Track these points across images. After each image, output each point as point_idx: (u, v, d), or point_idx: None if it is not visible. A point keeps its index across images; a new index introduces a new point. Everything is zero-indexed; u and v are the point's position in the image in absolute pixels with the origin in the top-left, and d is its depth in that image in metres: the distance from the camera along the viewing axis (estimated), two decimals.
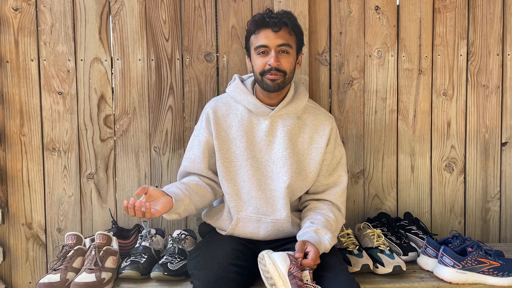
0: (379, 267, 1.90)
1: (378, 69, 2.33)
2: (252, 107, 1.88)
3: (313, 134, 1.90)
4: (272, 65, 1.78)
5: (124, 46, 2.24)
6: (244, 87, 1.91)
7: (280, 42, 1.79)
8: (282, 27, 1.79)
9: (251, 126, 1.89)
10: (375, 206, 2.38)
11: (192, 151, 1.95)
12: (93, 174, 2.26)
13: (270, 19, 1.79)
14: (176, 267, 1.86)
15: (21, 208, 2.25)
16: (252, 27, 1.83)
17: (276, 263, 1.61)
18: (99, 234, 1.93)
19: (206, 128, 1.91)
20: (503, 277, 1.85)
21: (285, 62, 1.80)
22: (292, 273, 1.58)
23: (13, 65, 2.21)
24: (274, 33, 1.78)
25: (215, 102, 1.95)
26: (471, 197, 2.39)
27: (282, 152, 1.86)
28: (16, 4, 2.20)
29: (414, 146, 2.36)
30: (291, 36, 1.82)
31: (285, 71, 1.81)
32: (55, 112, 2.24)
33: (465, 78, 2.35)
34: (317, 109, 1.97)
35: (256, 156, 1.88)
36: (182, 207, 1.77)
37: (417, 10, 2.32)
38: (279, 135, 1.87)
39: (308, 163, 1.89)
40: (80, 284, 1.73)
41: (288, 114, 1.89)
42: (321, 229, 1.77)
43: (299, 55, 1.90)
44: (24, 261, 2.27)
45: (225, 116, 1.91)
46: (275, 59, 1.78)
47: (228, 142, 1.89)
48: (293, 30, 1.82)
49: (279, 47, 1.79)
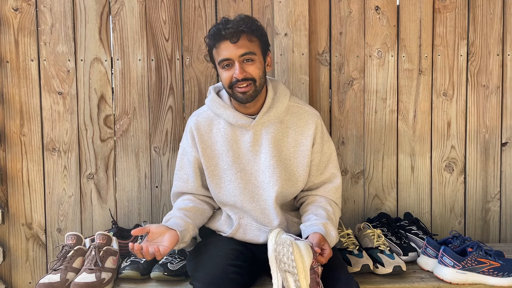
0: (379, 267, 1.90)
1: (378, 69, 2.33)
2: (232, 120, 1.82)
3: (297, 137, 1.85)
4: (238, 77, 1.71)
5: (124, 46, 2.24)
6: (220, 100, 1.85)
7: (241, 52, 1.71)
8: (240, 36, 1.71)
9: (236, 139, 1.84)
10: (375, 206, 2.38)
11: (183, 171, 1.91)
12: (93, 174, 2.26)
13: (226, 31, 1.70)
14: (176, 267, 1.86)
15: (21, 208, 2.25)
16: (211, 42, 1.76)
17: (302, 253, 1.55)
18: (99, 234, 1.93)
19: (192, 147, 1.87)
20: (503, 277, 1.85)
21: (252, 70, 1.73)
22: (313, 268, 1.55)
23: (13, 65, 2.21)
24: (233, 44, 1.70)
25: (197, 118, 1.89)
26: (471, 197, 2.39)
27: (269, 161, 1.81)
28: (16, 4, 2.20)
29: (414, 146, 2.36)
30: (252, 42, 1.74)
31: (254, 78, 1.74)
32: (55, 112, 2.24)
33: (465, 78, 2.35)
34: (299, 107, 1.89)
35: (245, 169, 1.84)
36: (187, 236, 1.73)
37: (417, 10, 2.32)
38: (264, 143, 1.82)
39: (296, 167, 1.85)
40: (80, 284, 1.73)
41: (270, 120, 1.83)
42: (328, 224, 1.75)
43: (267, 56, 1.82)
44: (24, 261, 2.27)
45: (208, 132, 1.86)
46: (240, 70, 1.71)
47: (215, 158, 1.85)
48: (253, 35, 1.74)
49: (242, 57, 1.72)
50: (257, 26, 1.77)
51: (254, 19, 1.78)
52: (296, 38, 2.22)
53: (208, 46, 1.81)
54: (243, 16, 1.76)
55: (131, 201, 2.28)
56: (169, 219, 1.77)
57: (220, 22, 1.76)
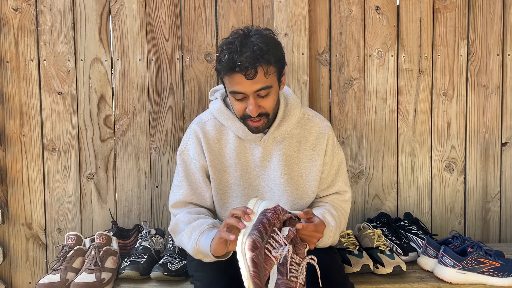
0: (379, 267, 1.90)
1: (378, 69, 2.33)
2: (241, 135, 1.70)
3: (309, 152, 1.74)
4: (252, 115, 1.59)
5: (124, 46, 2.24)
6: (229, 111, 1.71)
7: (257, 87, 1.56)
8: (257, 71, 1.53)
9: (245, 152, 1.73)
10: (375, 206, 2.38)
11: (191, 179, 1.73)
12: (93, 174, 2.26)
13: (241, 65, 1.51)
14: (176, 267, 1.86)
15: (21, 208, 2.25)
16: (223, 70, 1.57)
17: (259, 202, 1.42)
18: (99, 234, 1.93)
19: (200, 154, 1.73)
20: (503, 277, 1.85)
21: (266, 104, 1.60)
22: (266, 212, 1.38)
23: (13, 65, 2.21)
24: (249, 80, 1.54)
25: (203, 125, 1.75)
26: (471, 197, 2.39)
27: (279, 179, 1.71)
28: (16, 4, 2.19)
29: (414, 146, 2.36)
30: (269, 75, 1.56)
31: (267, 113, 1.62)
32: (55, 112, 2.23)
33: (465, 78, 2.35)
34: (311, 120, 1.78)
35: (252, 184, 1.73)
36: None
37: (417, 10, 2.32)
38: (274, 159, 1.72)
39: (308, 184, 1.74)
40: (80, 284, 1.73)
41: (281, 135, 1.72)
42: (327, 215, 1.67)
43: (282, 77, 1.66)
44: (24, 261, 2.27)
45: (216, 142, 1.73)
46: (255, 108, 1.58)
47: (222, 172, 1.73)
48: (270, 66, 1.56)
49: (257, 92, 1.57)
50: (276, 52, 1.58)
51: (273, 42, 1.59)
52: (296, 38, 2.22)
53: (216, 69, 1.62)
54: (261, 43, 1.54)
55: (131, 201, 2.28)
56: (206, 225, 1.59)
57: (232, 48, 1.54)
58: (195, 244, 1.57)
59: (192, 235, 1.59)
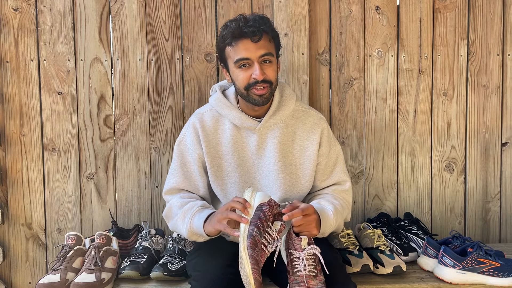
0: (379, 267, 1.90)
1: (378, 69, 2.33)
2: (238, 122, 1.77)
3: (303, 142, 1.81)
4: (258, 79, 1.66)
5: (124, 46, 2.24)
6: (226, 100, 1.80)
7: (262, 52, 1.66)
8: (262, 36, 1.66)
9: (241, 140, 1.80)
10: (375, 206, 2.37)
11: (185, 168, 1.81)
12: (93, 174, 2.26)
13: (248, 28, 1.63)
14: (176, 268, 1.86)
15: (21, 208, 2.25)
16: (228, 39, 1.67)
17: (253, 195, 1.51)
18: (99, 234, 1.93)
19: (196, 144, 1.80)
20: (503, 277, 1.85)
21: (270, 72, 1.68)
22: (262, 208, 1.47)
23: (13, 65, 2.21)
24: (254, 43, 1.65)
25: (201, 116, 1.84)
26: (471, 197, 2.38)
27: (273, 165, 1.78)
28: (16, 4, 2.19)
29: (414, 146, 2.36)
30: (271, 43, 1.70)
31: (271, 81, 1.69)
32: (55, 112, 2.23)
33: (465, 78, 2.35)
34: (305, 112, 1.86)
35: (249, 172, 1.80)
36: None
37: (417, 10, 2.32)
38: (269, 147, 1.78)
39: (302, 173, 1.81)
40: (80, 284, 1.73)
41: (276, 124, 1.79)
42: (323, 201, 1.73)
43: (279, 59, 1.78)
44: (24, 261, 2.27)
45: (213, 132, 1.81)
46: (261, 72, 1.66)
47: (219, 159, 1.80)
48: (272, 37, 1.71)
49: (262, 57, 1.67)
50: (273, 29, 1.73)
51: (270, 23, 1.73)
52: (296, 38, 2.22)
53: (220, 42, 1.71)
54: (262, 16, 1.71)
55: (131, 201, 2.28)
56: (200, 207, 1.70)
57: (238, 19, 1.68)
58: (189, 226, 1.67)
59: (185, 218, 1.69)
